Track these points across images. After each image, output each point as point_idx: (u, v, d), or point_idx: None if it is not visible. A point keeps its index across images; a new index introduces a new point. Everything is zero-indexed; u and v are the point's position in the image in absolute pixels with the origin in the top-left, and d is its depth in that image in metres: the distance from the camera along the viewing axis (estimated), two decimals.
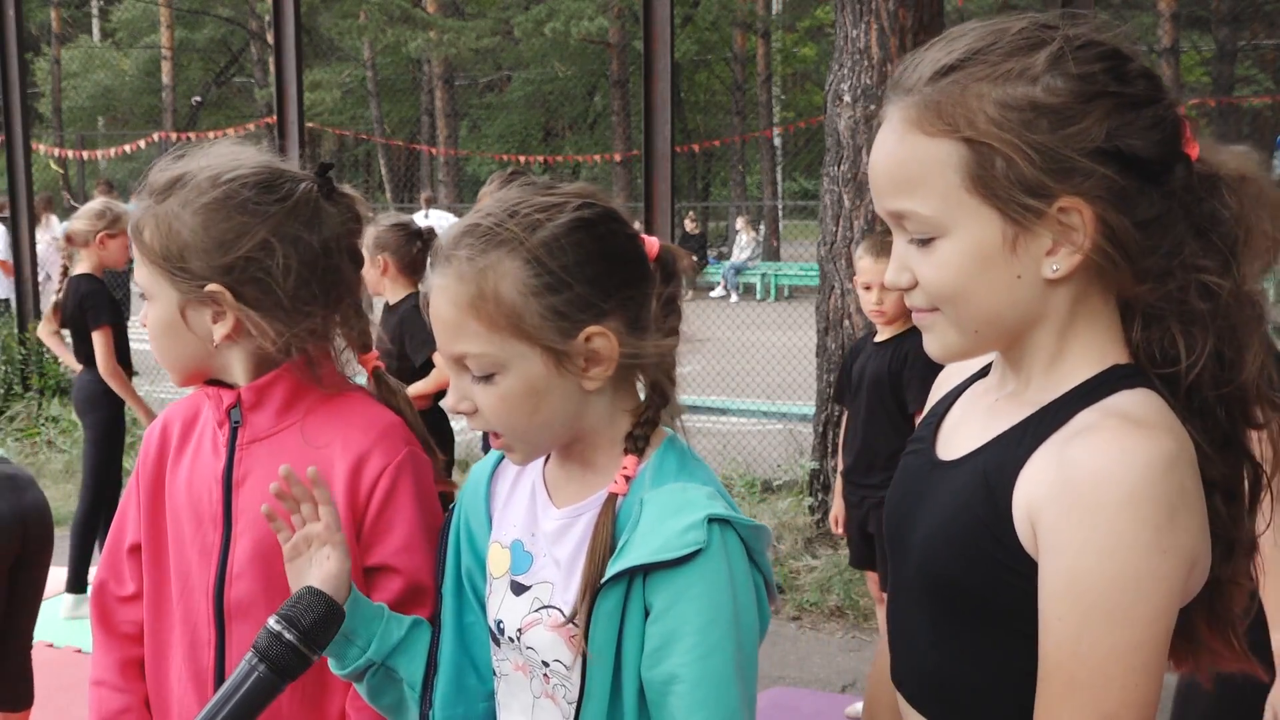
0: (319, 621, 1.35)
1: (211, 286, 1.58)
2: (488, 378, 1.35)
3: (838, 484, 4.23)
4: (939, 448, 1.33)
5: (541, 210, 1.35)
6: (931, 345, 1.27)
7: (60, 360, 6.03)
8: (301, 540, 1.46)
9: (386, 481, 1.61)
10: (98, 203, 5.43)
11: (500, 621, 1.44)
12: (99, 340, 5.09)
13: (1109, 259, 1.18)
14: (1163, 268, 1.18)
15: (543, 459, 1.48)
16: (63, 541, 6.70)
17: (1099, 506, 1.10)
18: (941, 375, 1.47)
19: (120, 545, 1.76)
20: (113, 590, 1.76)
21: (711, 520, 1.30)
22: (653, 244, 1.42)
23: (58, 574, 5.96)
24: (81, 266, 5.22)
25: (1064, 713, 1.13)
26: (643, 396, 1.45)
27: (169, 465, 1.72)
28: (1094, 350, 1.22)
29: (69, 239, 5.26)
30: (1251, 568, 1.23)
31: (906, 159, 1.20)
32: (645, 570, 1.30)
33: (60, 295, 5.31)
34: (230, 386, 1.67)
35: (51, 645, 4.99)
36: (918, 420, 1.49)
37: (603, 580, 1.31)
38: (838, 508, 4.19)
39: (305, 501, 1.47)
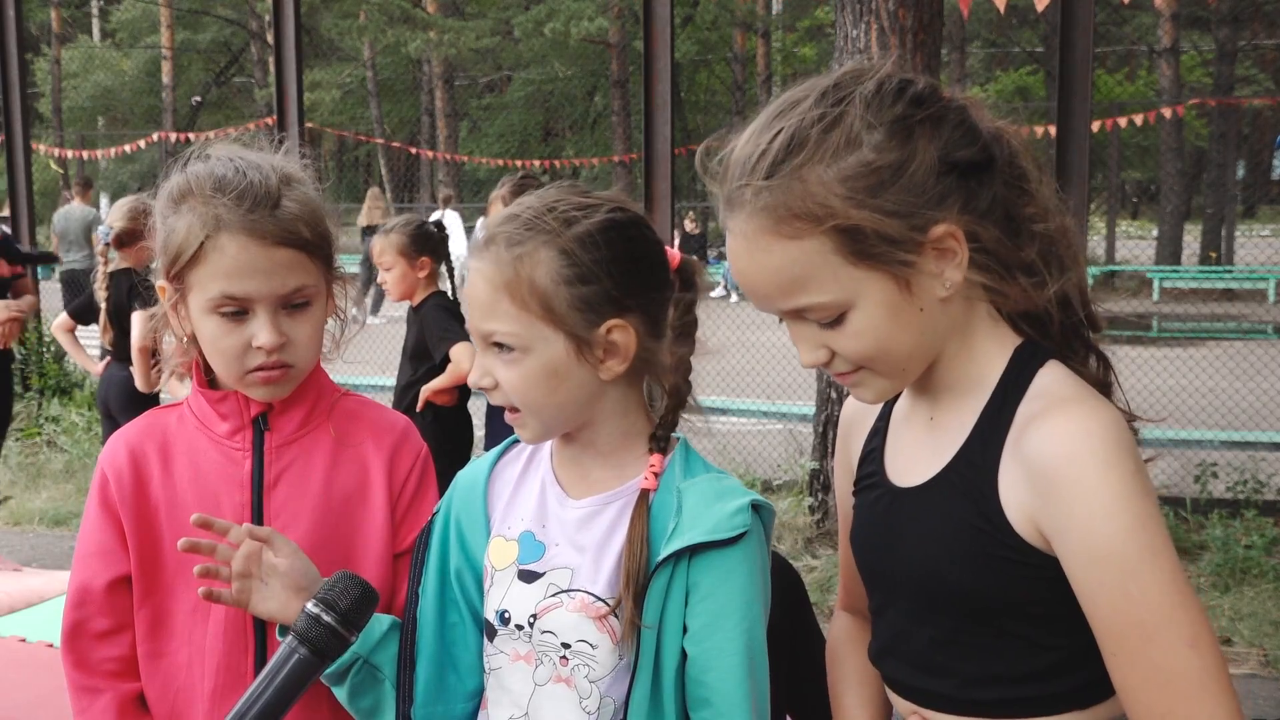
0: (356, 603, 1.40)
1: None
2: (511, 354, 1.43)
3: None
4: (891, 477, 1.40)
5: (579, 209, 1.44)
6: (866, 395, 1.35)
7: (78, 362, 6.00)
8: (242, 571, 1.56)
9: (417, 473, 1.74)
10: (136, 201, 5.45)
11: (504, 611, 1.47)
12: (141, 318, 4.95)
13: (980, 256, 1.29)
14: (1008, 237, 1.30)
15: (549, 457, 1.54)
16: (62, 541, 6.72)
17: (1082, 480, 1.19)
18: (845, 421, 1.54)
19: (90, 584, 1.67)
20: (91, 629, 1.67)
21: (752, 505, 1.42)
22: (674, 256, 1.50)
23: (57, 576, 5.96)
24: (125, 263, 5.26)
25: (1155, 658, 1.17)
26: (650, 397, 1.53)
27: (155, 487, 1.68)
28: (993, 337, 1.33)
29: (118, 240, 5.26)
30: None
31: (784, 266, 1.26)
32: (693, 551, 1.39)
33: (105, 294, 5.26)
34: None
35: (51, 646, 4.99)
36: None
37: (658, 560, 1.39)
38: None
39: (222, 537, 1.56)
